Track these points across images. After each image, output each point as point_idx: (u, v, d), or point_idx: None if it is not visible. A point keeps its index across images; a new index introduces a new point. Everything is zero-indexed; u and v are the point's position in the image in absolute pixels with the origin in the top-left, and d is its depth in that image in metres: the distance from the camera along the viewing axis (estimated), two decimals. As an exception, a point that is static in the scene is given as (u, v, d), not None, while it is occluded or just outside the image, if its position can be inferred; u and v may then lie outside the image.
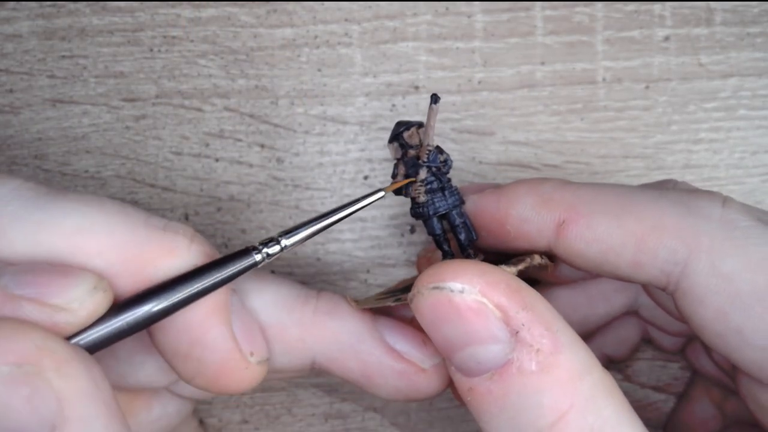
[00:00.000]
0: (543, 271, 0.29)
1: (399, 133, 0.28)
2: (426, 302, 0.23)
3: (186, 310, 0.23)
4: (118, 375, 0.28)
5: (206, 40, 0.35)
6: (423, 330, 0.24)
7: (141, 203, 0.36)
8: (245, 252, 0.25)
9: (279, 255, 0.25)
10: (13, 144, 0.36)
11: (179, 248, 0.24)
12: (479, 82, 0.36)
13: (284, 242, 0.25)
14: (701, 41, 0.37)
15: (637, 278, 0.25)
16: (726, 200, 0.25)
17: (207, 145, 0.36)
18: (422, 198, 0.28)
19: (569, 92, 0.37)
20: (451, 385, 0.27)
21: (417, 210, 0.28)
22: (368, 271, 0.37)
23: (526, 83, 0.37)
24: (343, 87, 0.36)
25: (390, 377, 0.27)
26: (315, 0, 0.36)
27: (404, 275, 0.37)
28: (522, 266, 0.26)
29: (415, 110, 0.36)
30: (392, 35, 0.36)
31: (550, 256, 0.27)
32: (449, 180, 0.28)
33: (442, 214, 0.28)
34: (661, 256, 0.24)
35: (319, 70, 0.36)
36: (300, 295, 0.28)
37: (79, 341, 0.22)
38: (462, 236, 0.28)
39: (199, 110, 0.36)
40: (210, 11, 0.35)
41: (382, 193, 0.27)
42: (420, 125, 0.28)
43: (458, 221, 0.28)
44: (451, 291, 0.22)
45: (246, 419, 0.37)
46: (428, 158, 0.27)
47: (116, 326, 0.22)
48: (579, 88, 0.37)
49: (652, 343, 0.36)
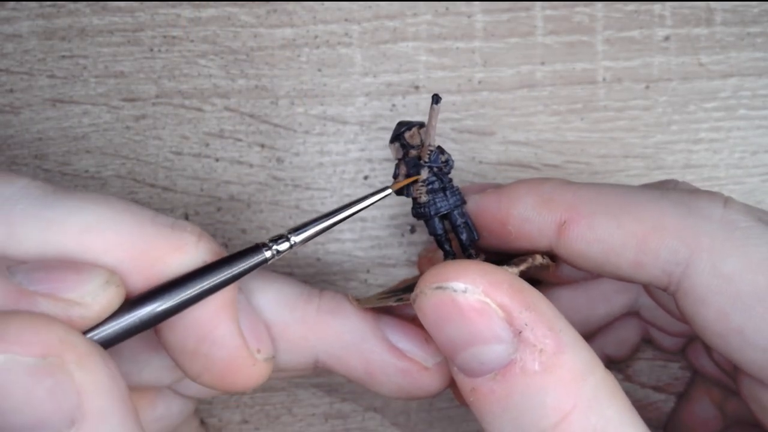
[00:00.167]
0: (544, 271, 0.29)
1: (400, 134, 0.28)
2: (429, 302, 0.23)
3: (195, 307, 0.24)
4: (123, 373, 0.28)
5: (206, 40, 0.35)
6: (425, 328, 0.24)
7: (141, 203, 0.36)
8: (255, 249, 0.25)
9: (285, 253, 0.25)
10: (13, 144, 0.35)
11: (187, 245, 0.24)
12: (479, 82, 0.36)
13: (294, 239, 0.25)
14: (701, 41, 0.37)
15: (638, 278, 0.25)
16: (727, 200, 0.25)
17: (207, 145, 0.36)
18: (424, 198, 0.28)
19: (569, 92, 0.37)
20: (453, 386, 0.27)
21: (418, 210, 0.28)
22: (368, 271, 0.37)
23: (526, 83, 0.37)
24: (343, 87, 0.36)
25: (393, 375, 0.27)
26: (315, 0, 0.36)
27: (405, 275, 0.37)
28: (524, 266, 0.26)
29: (416, 110, 0.36)
30: (392, 35, 0.36)
31: (552, 256, 0.27)
32: (450, 180, 0.28)
33: (444, 214, 0.28)
34: (662, 257, 0.24)
35: (319, 70, 0.36)
36: (303, 294, 0.28)
37: (93, 337, 0.22)
38: (463, 236, 0.28)
39: (199, 110, 0.36)
40: (210, 11, 0.35)
41: (390, 191, 0.27)
42: (421, 125, 0.28)
43: (460, 221, 0.28)
44: (454, 291, 0.22)
45: (246, 419, 0.37)
46: (430, 158, 0.27)
47: (128, 322, 0.22)
48: (579, 88, 0.37)
49: (653, 344, 0.36)
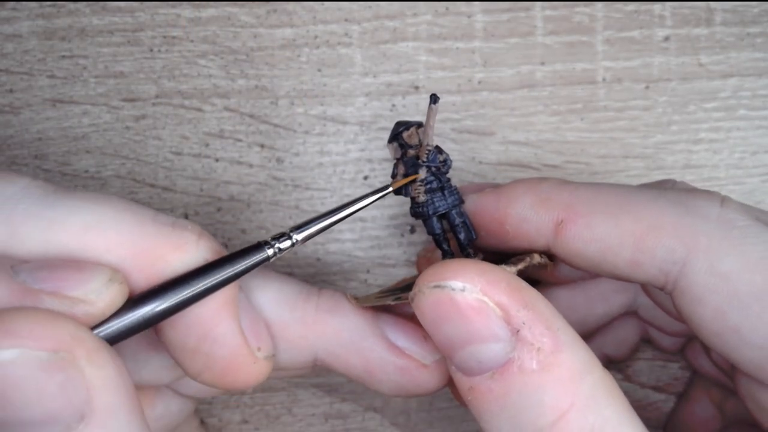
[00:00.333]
0: (542, 271, 0.29)
1: (398, 133, 0.28)
2: (427, 301, 0.23)
3: (196, 305, 0.24)
4: None
5: (206, 40, 0.35)
6: (423, 327, 0.24)
7: (141, 203, 0.36)
8: (257, 247, 0.25)
9: (287, 251, 0.25)
10: (13, 144, 0.36)
11: (188, 243, 0.24)
12: (479, 82, 0.36)
13: (295, 237, 0.25)
14: (701, 41, 0.37)
15: (636, 278, 0.25)
16: (724, 200, 0.25)
17: (207, 145, 0.36)
18: (422, 197, 0.28)
19: (569, 92, 0.37)
20: (451, 385, 0.27)
21: (417, 209, 0.28)
22: (368, 271, 0.37)
23: (526, 83, 0.37)
24: (343, 87, 0.36)
25: (392, 373, 0.27)
26: (315, 0, 0.36)
27: (404, 275, 0.37)
28: (522, 265, 0.26)
29: (415, 110, 0.36)
30: (392, 35, 0.36)
31: (550, 256, 0.27)
32: (449, 180, 0.28)
33: (442, 214, 0.28)
34: (660, 256, 0.24)
35: (319, 70, 0.36)
36: (302, 293, 0.28)
37: (97, 335, 0.22)
38: (461, 236, 0.28)
39: (199, 110, 0.36)
40: (210, 11, 0.35)
41: (391, 189, 0.27)
42: (419, 125, 0.28)
43: (458, 221, 0.28)
44: (453, 290, 0.22)
45: (246, 419, 0.37)
46: (428, 158, 0.27)
47: (131, 320, 0.22)
48: (579, 88, 0.37)
49: (652, 343, 0.36)
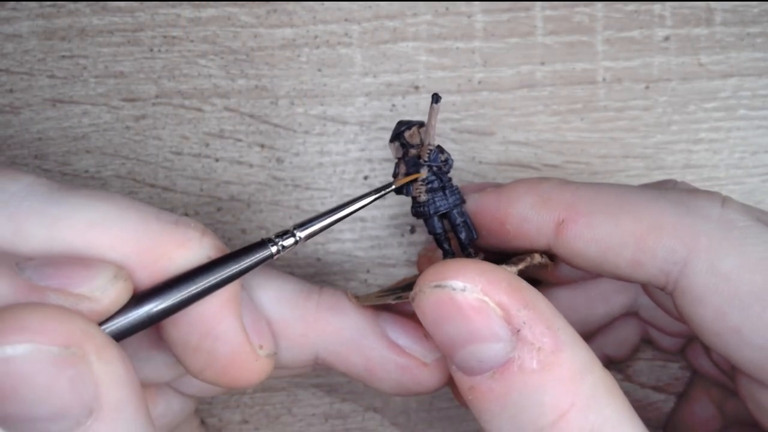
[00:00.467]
0: (543, 271, 0.29)
1: (400, 133, 0.28)
2: (428, 300, 0.23)
3: (199, 302, 0.24)
4: None
5: (206, 40, 0.35)
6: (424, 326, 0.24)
7: (142, 202, 0.36)
8: (261, 244, 0.25)
9: (290, 249, 0.25)
10: (13, 144, 0.36)
11: (191, 240, 0.24)
12: (479, 82, 0.36)
13: (299, 234, 0.25)
14: (701, 41, 0.37)
15: (637, 278, 0.25)
16: (725, 200, 0.25)
17: (207, 145, 0.36)
18: (423, 197, 0.28)
19: (569, 92, 0.37)
20: (452, 384, 0.27)
21: (418, 209, 0.28)
22: (368, 271, 0.37)
23: (526, 83, 0.37)
24: (343, 87, 0.36)
25: (392, 371, 0.27)
26: (315, 0, 0.36)
27: (404, 275, 0.37)
28: (522, 265, 0.26)
29: (415, 110, 0.36)
30: (392, 35, 0.36)
31: (550, 256, 0.27)
32: (450, 179, 0.28)
33: (443, 213, 0.28)
34: (660, 256, 0.24)
35: (319, 70, 0.36)
36: (303, 291, 0.28)
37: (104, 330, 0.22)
38: (462, 235, 0.28)
39: (199, 110, 0.36)
40: (210, 11, 0.35)
41: (393, 186, 0.27)
42: (421, 125, 0.28)
43: (459, 220, 0.28)
44: (453, 289, 0.22)
45: (246, 419, 0.37)
46: (429, 157, 0.27)
47: (135, 318, 0.22)
48: (579, 88, 0.37)
49: (652, 344, 0.36)
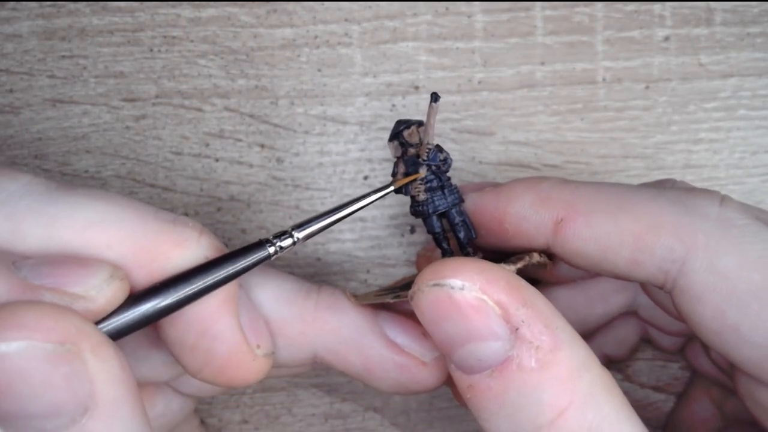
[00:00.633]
0: (542, 270, 0.29)
1: (399, 132, 0.28)
2: (426, 299, 0.23)
3: (197, 302, 0.24)
4: None
5: (206, 40, 0.35)
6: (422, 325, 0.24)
7: (141, 202, 0.36)
8: (259, 244, 0.25)
9: (288, 249, 0.25)
10: (13, 144, 0.36)
11: (189, 240, 0.24)
12: (479, 82, 0.36)
13: (297, 235, 0.25)
14: (701, 41, 0.37)
15: (635, 276, 0.25)
16: (724, 199, 0.25)
17: (207, 145, 0.36)
18: (422, 196, 0.28)
19: (569, 92, 0.37)
20: (451, 384, 0.27)
21: (417, 208, 0.28)
22: (368, 271, 0.37)
23: (526, 83, 0.37)
24: (343, 87, 0.36)
25: (391, 370, 0.27)
26: (315, 0, 0.36)
27: (404, 275, 0.37)
28: (521, 264, 0.26)
29: (415, 110, 0.36)
30: (392, 35, 0.36)
31: (549, 255, 0.27)
32: (449, 178, 0.28)
33: (442, 213, 0.28)
34: (659, 254, 0.24)
35: (319, 70, 0.36)
36: (301, 290, 0.28)
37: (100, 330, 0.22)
38: (461, 234, 0.28)
39: (199, 110, 0.36)
40: (210, 11, 0.35)
41: (392, 187, 0.27)
42: (420, 124, 0.28)
43: (458, 219, 0.28)
44: (452, 288, 0.22)
45: (246, 419, 0.37)
46: (428, 157, 0.27)
47: (132, 317, 0.23)
48: (579, 88, 0.37)
49: (652, 343, 0.36)
